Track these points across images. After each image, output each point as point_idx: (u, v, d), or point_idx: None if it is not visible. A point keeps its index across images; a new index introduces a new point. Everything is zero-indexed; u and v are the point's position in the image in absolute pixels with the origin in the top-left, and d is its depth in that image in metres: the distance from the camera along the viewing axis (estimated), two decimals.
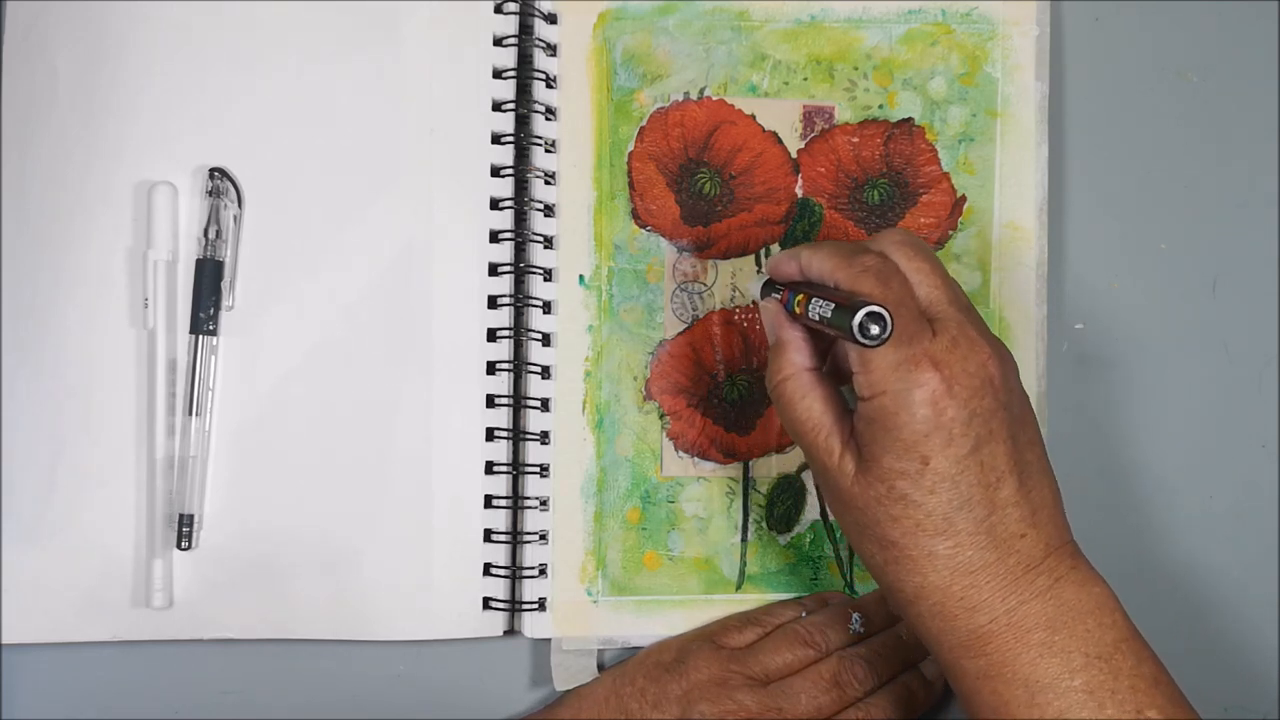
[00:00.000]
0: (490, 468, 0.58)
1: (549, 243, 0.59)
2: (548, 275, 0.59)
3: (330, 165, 0.58)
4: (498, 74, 0.59)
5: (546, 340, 0.58)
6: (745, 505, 0.59)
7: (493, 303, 0.58)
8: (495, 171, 0.58)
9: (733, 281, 0.59)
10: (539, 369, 0.58)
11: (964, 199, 0.59)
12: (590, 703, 0.56)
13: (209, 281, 0.57)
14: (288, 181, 0.58)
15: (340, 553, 0.57)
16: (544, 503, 0.58)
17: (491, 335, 0.58)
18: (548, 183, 0.59)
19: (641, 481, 0.58)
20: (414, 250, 0.58)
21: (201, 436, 0.57)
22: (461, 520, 0.58)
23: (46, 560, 0.56)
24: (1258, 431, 0.60)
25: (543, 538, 0.58)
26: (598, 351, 0.59)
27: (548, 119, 0.59)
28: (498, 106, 0.59)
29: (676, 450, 0.59)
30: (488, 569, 0.58)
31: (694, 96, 0.59)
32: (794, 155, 0.59)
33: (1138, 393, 0.60)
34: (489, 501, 0.58)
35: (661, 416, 0.59)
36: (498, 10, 0.59)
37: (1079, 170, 0.61)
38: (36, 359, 0.57)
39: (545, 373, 0.58)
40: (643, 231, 0.59)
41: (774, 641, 0.55)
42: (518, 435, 0.58)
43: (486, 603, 0.57)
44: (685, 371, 0.59)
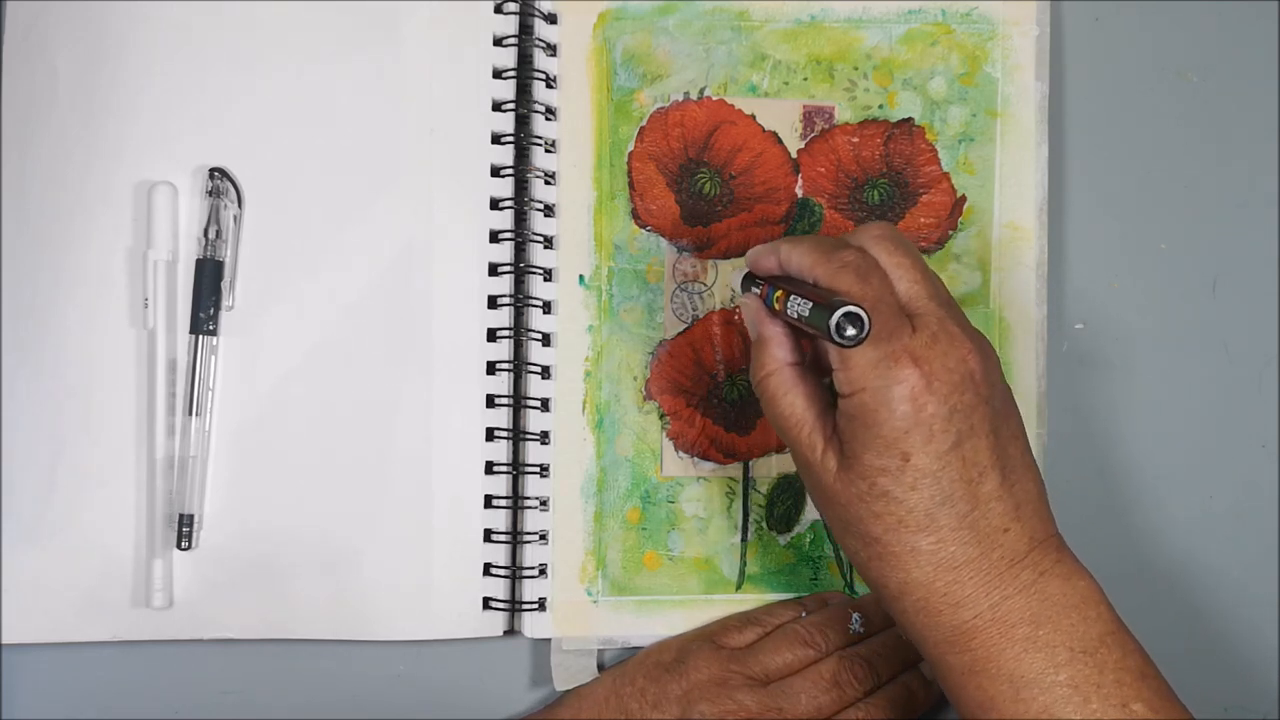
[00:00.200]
0: (490, 468, 0.58)
1: (549, 243, 0.59)
2: (548, 275, 0.59)
3: (330, 165, 0.58)
4: (498, 74, 0.59)
5: (546, 340, 0.58)
6: (745, 505, 0.59)
7: (493, 303, 0.58)
8: (495, 171, 0.58)
9: (732, 282, 0.59)
10: (539, 369, 0.58)
11: (964, 199, 0.59)
12: (590, 703, 0.56)
13: (209, 281, 0.57)
14: (288, 181, 0.58)
15: (340, 553, 0.57)
16: (544, 503, 0.58)
17: (491, 335, 0.58)
18: (548, 183, 0.59)
19: (641, 481, 0.58)
20: (414, 250, 0.58)
21: (201, 436, 0.57)
22: (461, 520, 0.58)
23: (46, 560, 0.56)
24: (1258, 431, 0.60)
25: (543, 538, 0.58)
26: (598, 351, 0.59)
27: (548, 119, 0.59)
28: (498, 106, 0.59)
29: (676, 450, 0.59)
30: (488, 569, 0.58)
31: (694, 96, 0.59)
32: (794, 155, 0.59)
33: (1138, 393, 0.60)
34: (489, 501, 0.58)
35: (661, 416, 0.59)
36: (498, 10, 0.59)
37: (1079, 170, 0.61)
38: (36, 359, 0.57)
39: (545, 373, 0.58)
40: (643, 231, 0.59)
41: (774, 641, 0.55)
42: (518, 435, 0.58)
43: (486, 603, 0.57)
44: (685, 371, 0.59)
